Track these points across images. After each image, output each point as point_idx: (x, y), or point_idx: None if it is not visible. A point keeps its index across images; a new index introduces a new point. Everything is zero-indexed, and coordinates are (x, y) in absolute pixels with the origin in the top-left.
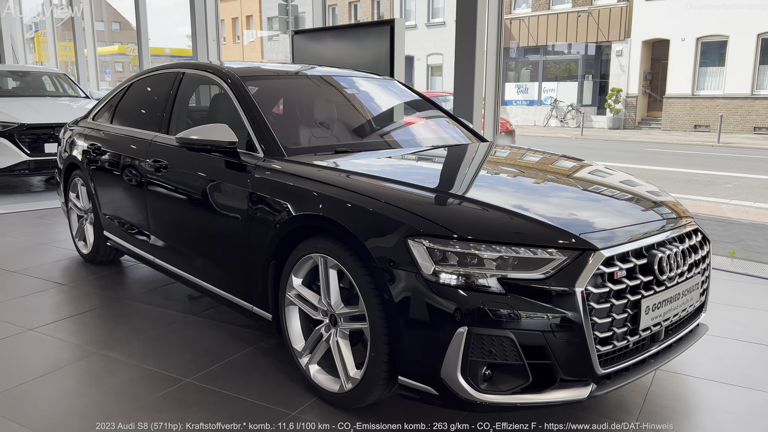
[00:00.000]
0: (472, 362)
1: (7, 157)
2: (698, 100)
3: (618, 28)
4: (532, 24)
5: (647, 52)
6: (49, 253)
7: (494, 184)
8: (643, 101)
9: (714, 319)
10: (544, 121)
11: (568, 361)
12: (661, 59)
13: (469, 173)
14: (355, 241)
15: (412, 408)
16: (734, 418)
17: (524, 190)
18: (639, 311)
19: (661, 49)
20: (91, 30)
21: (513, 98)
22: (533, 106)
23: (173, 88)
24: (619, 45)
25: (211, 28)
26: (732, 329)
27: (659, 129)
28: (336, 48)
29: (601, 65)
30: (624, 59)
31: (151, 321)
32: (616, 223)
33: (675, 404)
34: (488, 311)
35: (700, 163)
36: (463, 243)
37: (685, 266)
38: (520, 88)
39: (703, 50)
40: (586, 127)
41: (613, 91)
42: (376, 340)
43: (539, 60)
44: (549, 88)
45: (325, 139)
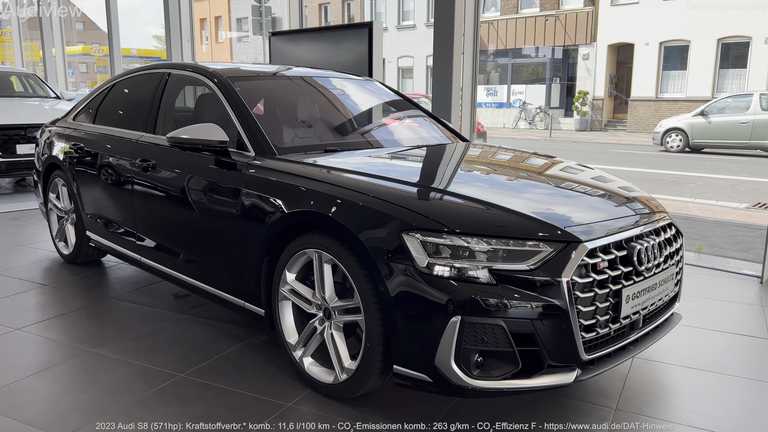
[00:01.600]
0: (465, 350)
1: None
2: (662, 102)
3: (584, 32)
4: (501, 27)
5: (613, 56)
6: (27, 254)
7: (481, 181)
8: (609, 103)
9: (685, 310)
10: (513, 123)
11: (555, 347)
12: (626, 63)
13: (456, 170)
14: (350, 236)
15: (412, 408)
16: (708, 400)
17: (509, 186)
18: (620, 300)
19: (626, 52)
20: (60, 29)
21: (483, 100)
22: (502, 108)
23: (159, 88)
24: (585, 48)
25: (185, 28)
26: (702, 319)
27: (625, 131)
28: (314, 50)
29: (569, 68)
30: (590, 62)
31: (139, 319)
32: (597, 217)
33: (652, 389)
34: (480, 301)
35: (665, 164)
36: (455, 236)
37: (662, 258)
38: (489, 90)
39: (666, 54)
40: (555, 129)
41: (579, 94)
42: (371, 332)
43: (508, 63)
44: (518, 90)
45: (313, 138)
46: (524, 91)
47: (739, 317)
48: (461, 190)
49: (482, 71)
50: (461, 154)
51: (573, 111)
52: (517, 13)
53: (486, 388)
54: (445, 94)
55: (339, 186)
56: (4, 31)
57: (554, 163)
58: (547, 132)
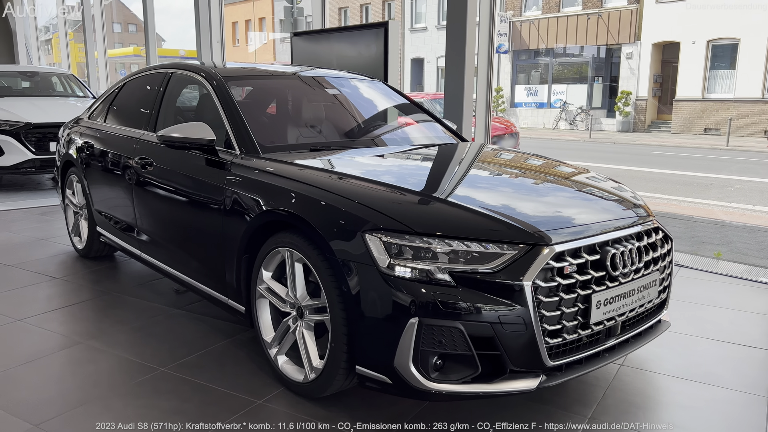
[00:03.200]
0: (424, 352)
1: (14, 156)
2: (708, 103)
3: (628, 30)
4: (542, 26)
5: (657, 55)
6: (47, 248)
7: (455, 181)
8: (653, 104)
9: (688, 318)
10: (553, 124)
11: (517, 352)
12: (671, 62)
13: (434, 171)
14: (317, 236)
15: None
16: (690, 412)
17: (484, 186)
18: (589, 306)
19: (671, 51)
20: (102, 32)
21: (522, 100)
22: (542, 108)
23: (161, 87)
24: (629, 47)
25: (215, 30)
26: (703, 328)
27: (669, 132)
28: (333, 49)
29: (611, 68)
30: (634, 62)
31: (137, 313)
32: (570, 219)
33: (633, 398)
34: (438, 303)
35: (705, 167)
36: (417, 237)
37: (641, 263)
38: (529, 90)
39: (713, 53)
40: (596, 130)
41: (622, 94)
42: (336, 331)
43: (549, 62)
44: (558, 90)
45: (302, 137)
46: (565, 91)
47: (745, 327)
48: (431, 190)
49: (522, 71)
50: (447, 155)
51: (615, 111)
52: (559, 12)
53: (444, 391)
54: (456, 95)
55: (308, 185)
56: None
57: (542, 163)
58: (587, 133)
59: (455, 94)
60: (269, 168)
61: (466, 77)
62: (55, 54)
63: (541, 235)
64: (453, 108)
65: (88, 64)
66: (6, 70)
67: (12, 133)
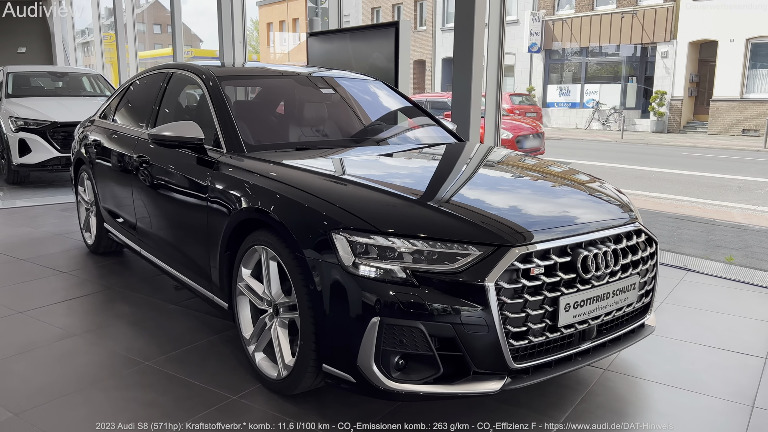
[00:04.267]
0: (385, 351)
1: (40, 153)
2: (747, 103)
3: (664, 28)
4: (575, 25)
5: (694, 54)
6: (61, 243)
7: (431, 181)
8: (689, 104)
9: (685, 323)
10: (586, 124)
11: (479, 353)
12: (708, 61)
13: (413, 171)
14: (288, 234)
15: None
16: (667, 419)
17: (460, 187)
18: (557, 308)
19: (708, 50)
20: (133, 33)
21: (555, 100)
22: (575, 108)
23: (162, 87)
24: (664, 46)
25: (237, 30)
26: (700, 334)
27: (705, 133)
28: (346, 49)
29: (646, 67)
30: (669, 61)
31: (135, 308)
32: (541, 221)
33: (612, 403)
34: (399, 302)
35: (738, 169)
36: (380, 236)
37: (617, 266)
38: (561, 90)
39: (753, 52)
40: (629, 131)
41: (657, 94)
42: (305, 329)
43: (582, 61)
44: (591, 90)
45: (290, 137)
46: (598, 91)
47: (744, 334)
48: (403, 190)
49: (555, 70)
50: (434, 155)
51: (649, 112)
52: (593, 10)
53: (406, 391)
54: (464, 96)
55: (282, 183)
56: (105, 35)
57: (530, 164)
58: (619, 133)
59: (463, 95)
60: (247, 166)
61: (474, 78)
62: (128, 55)
63: (507, 236)
64: (460, 111)
65: (119, 65)
66: (37, 71)
67: (38, 132)
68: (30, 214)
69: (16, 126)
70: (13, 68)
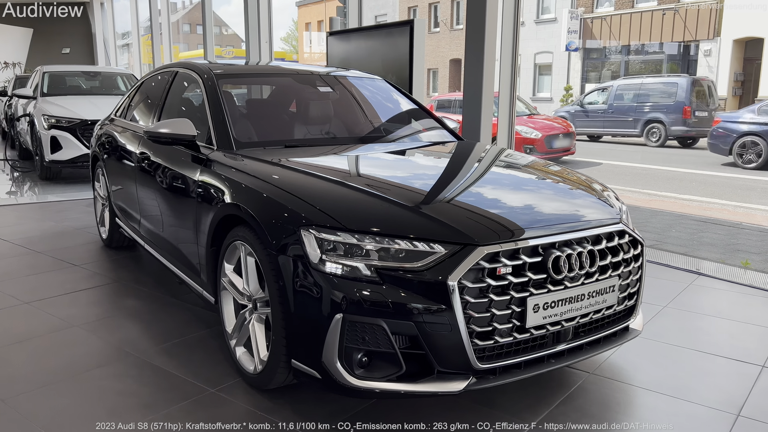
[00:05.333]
0: (348, 348)
1: (71, 150)
2: None
3: (707, 26)
4: (614, 23)
5: (739, 52)
6: (79, 237)
7: (409, 179)
8: (733, 103)
9: (684, 328)
10: None
11: (442, 353)
12: (754, 59)
13: (394, 168)
14: (261, 229)
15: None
16: (643, 425)
17: (434, 184)
18: (525, 309)
19: (754, 48)
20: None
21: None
22: None
23: (167, 85)
24: (707, 44)
25: (263, 29)
26: (697, 339)
27: None
28: (363, 48)
29: (688, 65)
30: (713, 59)
31: (137, 301)
32: (513, 219)
33: (589, 407)
34: (362, 300)
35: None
36: (347, 233)
37: (594, 267)
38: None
39: None
40: None
41: None
42: (276, 325)
43: (621, 60)
44: None
45: (281, 134)
46: None
47: (744, 341)
48: (375, 187)
49: (593, 69)
50: (422, 153)
51: None
52: (633, 8)
53: (369, 388)
54: (475, 99)
55: (258, 179)
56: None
57: (518, 162)
58: None
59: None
60: (231, 163)
61: (485, 78)
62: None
63: (474, 235)
64: (472, 113)
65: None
66: (71, 70)
67: (69, 129)
68: (57, 208)
69: (48, 124)
70: (48, 68)
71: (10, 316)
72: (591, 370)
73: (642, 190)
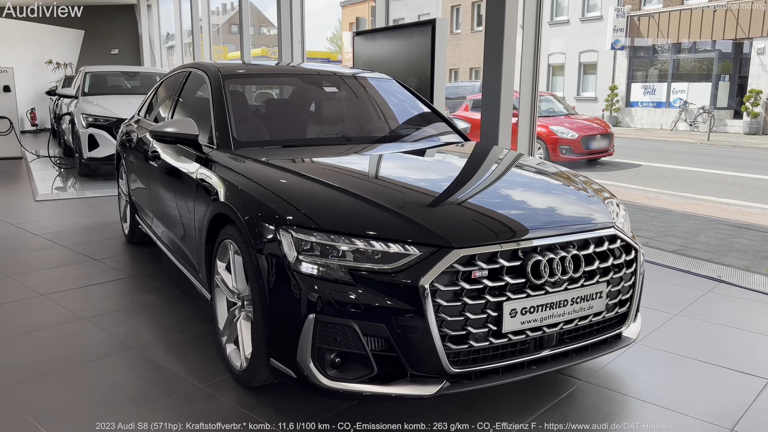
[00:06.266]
0: (320, 349)
1: (107, 148)
2: None
3: (761, 23)
4: (662, 20)
5: None
6: (104, 232)
7: (394, 179)
8: None
9: (692, 338)
10: (672, 125)
11: (414, 356)
12: None
13: (383, 169)
14: (244, 228)
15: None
16: None
17: (422, 186)
18: (501, 313)
19: None
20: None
21: (639, 99)
22: (660, 108)
23: (180, 85)
24: (761, 42)
25: (296, 30)
26: (705, 349)
27: None
28: (387, 48)
29: (740, 64)
30: (766, 57)
31: (147, 296)
32: (493, 222)
33: (575, 416)
34: (333, 300)
35: None
36: (323, 234)
37: (579, 272)
38: (646, 88)
39: None
40: (719, 132)
41: (751, 93)
42: (257, 323)
43: (669, 58)
44: (679, 89)
45: (280, 134)
46: (686, 90)
47: (755, 353)
48: (358, 188)
49: (640, 68)
50: (417, 153)
51: (743, 112)
52: (682, 5)
53: (340, 389)
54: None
55: (246, 178)
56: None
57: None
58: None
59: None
60: (226, 162)
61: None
62: (194, 56)
63: (449, 238)
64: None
65: None
66: (112, 71)
67: (106, 128)
68: (91, 204)
69: (86, 122)
70: (90, 68)
71: (25, 308)
72: (585, 377)
73: (679, 193)
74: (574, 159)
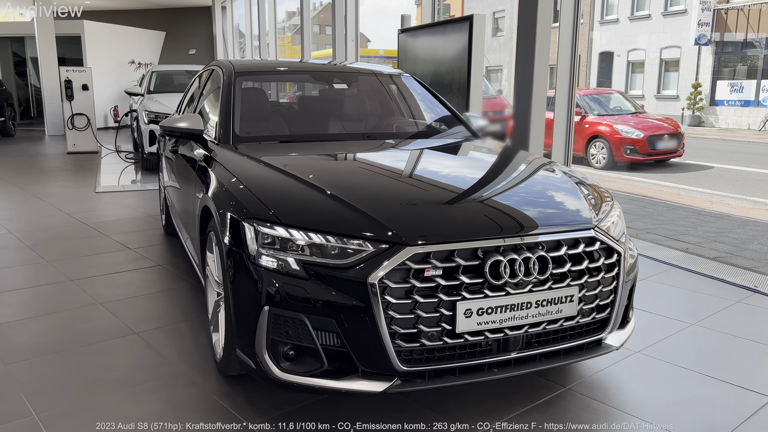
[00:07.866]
0: (274, 341)
1: None
2: None
3: None
4: (752, 13)
5: None
6: (146, 223)
7: (363, 175)
8: None
9: (697, 349)
10: (760, 125)
11: (363, 352)
12: None
13: (360, 164)
14: (218, 220)
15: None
16: None
17: (392, 181)
18: (455, 313)
19: None
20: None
21: (724, 98)
22: (748, 107)
23: (204, 82)
24: None
25: (350, 28)
26: (710, 362)
27: None
28: (428, 45)
29: None
30: None
31: (164, 283)
32: (453, 219)
33: (546, 424)
34: (285, 294)
35: None
36: (282, 228)
37: (545, 274)
38: (733, 86)
39: None
40: None
41: None
42: (227, 314)
43: (760, 54)
44: None
45: (282, 129)
46: None
47: (766, 369)
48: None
49: (727, 65)
50: (408, 149)
51: None
52: None
53: (292, 382)
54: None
55: (227, 172)
56: (282, 36)
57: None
58: None
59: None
60: (220, 157)
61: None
62: (276, 55)
63: (403, 234)
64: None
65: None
66: (176, 69)
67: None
68: (146, 196)
69: (148, 119)
70: (157, 67)
71: (53, 291)
72: (570, 384)
73: (747, 197)
74: (639, 160)
